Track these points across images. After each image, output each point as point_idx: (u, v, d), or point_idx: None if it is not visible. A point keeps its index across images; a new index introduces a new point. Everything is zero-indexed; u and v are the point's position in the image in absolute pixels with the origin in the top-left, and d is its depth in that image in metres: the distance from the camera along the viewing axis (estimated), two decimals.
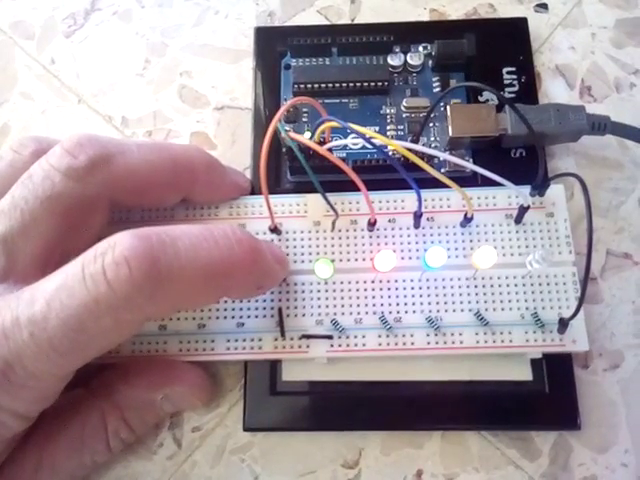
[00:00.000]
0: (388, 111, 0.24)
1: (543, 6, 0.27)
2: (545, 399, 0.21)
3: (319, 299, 0.21)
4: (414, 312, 0.21)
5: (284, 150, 0.23)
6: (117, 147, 0.19)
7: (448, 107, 0.23)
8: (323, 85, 0.24)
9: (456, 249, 0.22)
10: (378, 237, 0.22)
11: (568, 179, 0.23)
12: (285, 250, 0.22)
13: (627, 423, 0.21)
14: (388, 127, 0.24)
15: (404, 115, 0.24)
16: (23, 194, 0.18)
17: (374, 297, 0.21)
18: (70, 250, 0.20)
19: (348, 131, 0.23)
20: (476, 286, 0.21)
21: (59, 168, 0.18)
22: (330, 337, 0.21)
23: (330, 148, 0.21)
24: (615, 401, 0.22)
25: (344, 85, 0.24)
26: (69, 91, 0.27)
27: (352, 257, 0.22)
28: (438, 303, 0.21)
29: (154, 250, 0.16)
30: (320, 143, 0.21)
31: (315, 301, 0.21)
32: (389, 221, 0.22)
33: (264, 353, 0.21)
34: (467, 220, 0.21)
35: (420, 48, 0.25)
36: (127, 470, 0.21)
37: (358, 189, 0.20)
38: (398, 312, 0.21)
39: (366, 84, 0.24)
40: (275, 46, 0.26)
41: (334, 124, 0.20)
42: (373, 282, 0.21)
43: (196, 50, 0.27)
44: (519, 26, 0.26)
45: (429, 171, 0.19)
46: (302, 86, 0.24)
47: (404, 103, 0.24)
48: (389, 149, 0.22)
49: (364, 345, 0.21)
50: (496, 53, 0.25)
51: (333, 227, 0.22)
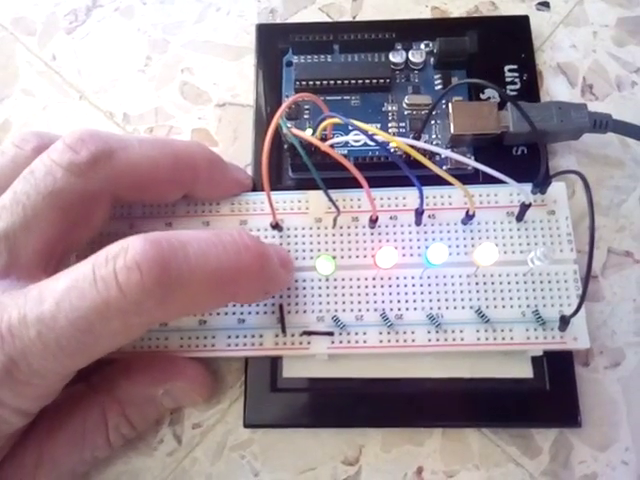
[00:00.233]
0: (390, 108, 0.24)
1: (545, 4, 0.27)
2: (546, 396, 0.21)
3: (320, 296, 0.21)
4: (415, 309, 0.21)
5: (286, 147, 0.23)
6: (119, 142, 0.19)
7: (450, 104, 0.23)
8: (325, 82, 0.24)
9: (457, 246, 0.22)
10: (379, 234, 0.22)
11: (569, 177, 0.23)
12: (286, 247, 0.22)
13: (628, 421, 0.21)
14: (390, 124, 0.24)
15: (406, 112, 0.24)
16: (25, 189, 0.18)
17: (375, 294, 0.21)
18: (72, 245, 0.20)
19: (350, 128, 0.23)
20: (477, 283, 0.21)
21: (61, 163, 0.18)
22: (331, 334, 0.21)
23: (332, 145, 0.21)
24: (616, 399, 0.22)
25: (346, 82, 0.24)
26: (70, 87, 0.27)
27: (353, 254, 0.22)
28: (439, 300, 0.21)
29: (165, 256, 0.16)
30: (322, 140, 0.21)
31: (316, 298, 0.21)
32: (390, 218, 0.22)
33: (265, 349, 0.21)
34: (468, 217, 0.21)
35: (422, 45, 0.25)
36: (127, 466, 0.21)
37: (359, 186, 0.20)
38: (399, 309, 0.21)
39: (368, 81, 0.24)
40: (277, 43, 0.26)
41: (336, 121, 0.20)
42: (374, 279, 0.21)
43: (198, 47, 0.27)
44: (521, 24, 0.26)
45: (431, 168, 0.19)
46: (304, 83, 0.24)
47: (406, 100, 0.24)
48: (391, 146, 0.22)
49: (365, 342, 0.21)
50: (498, 51, 0.25)
51: (334, 224, 0.22)
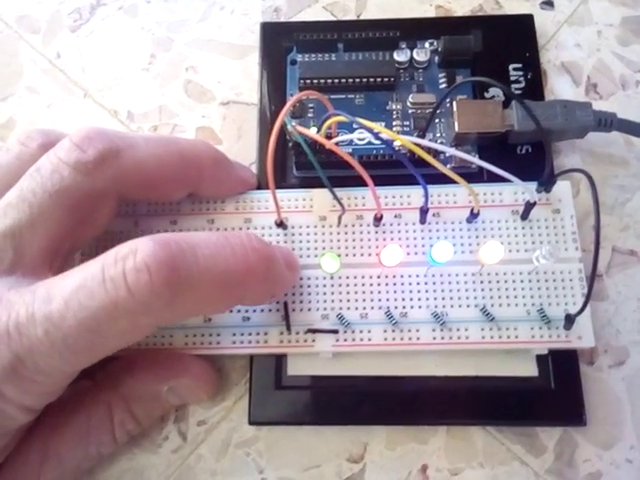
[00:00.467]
0: (394, 107, 0.24)
1: (549, 3, 0.27)
2: (551, 395, 0.21)
3: (325, 294, 0.21)
4: (420, 307, 0.21)
5: (290, 145, 0.23)
6: (125, 141, 0.19)
7: (454, 103, 0.23)
8: (329, 81, 0.24)
9: (462, 245, 0.22)
10: (384, 232, 0.22)
11: (574, 176, 0.23)
12: (291, 245, 0.22)
13: (632, 419, 0.21)
14: (394, 123, 0.24)
15: (410, 111, 0.24)
16: (31, 187, 0.18)
17: (380, 292, 0.21)
18: (77, 243, 0.20)
19: (354, 126, 0.23)
20: (482, 282, 0.21)
21: (68, 162, 0.18)
22: (336, 332, 0.21)
23: (336, 143, 0.21)
24: (620, 397, 0.22)
25: (350, 81, 0.24)
26: (75, 85, 0.27)
27: (358, 252, 0.22)
28: (444, 298, 0.21)
29: (174, 258, 0.16)
30: (326, 138, 0.21)
31: (321, 296, 0.21)
32: (395, 216, 0.22)
33: (270, 347, 0.21)
34: (473, 216, 0.21)
35: (426, 44, 0.25)
36: (132, 463, 0.21)
37: (364, 184, 0.20)
38: (404, 307, 0.21)
39: (372, 80, 0.24)
40: (281, 41, 0.26)
41: (341, 118, 0.20)
42: (379, 277, 0.21)
43: (202, 45, 0.27)
44: (525, 23, 0.26)
45: (436, 166, 0.19)
46: (308, 81, 0.24)
47: (410, 99, 0.24)
48: (396, 144, 0.22)
49: (370, 340, 0.21)
50: (502, 50, 0.25)
51: (339, 222, 0.22)
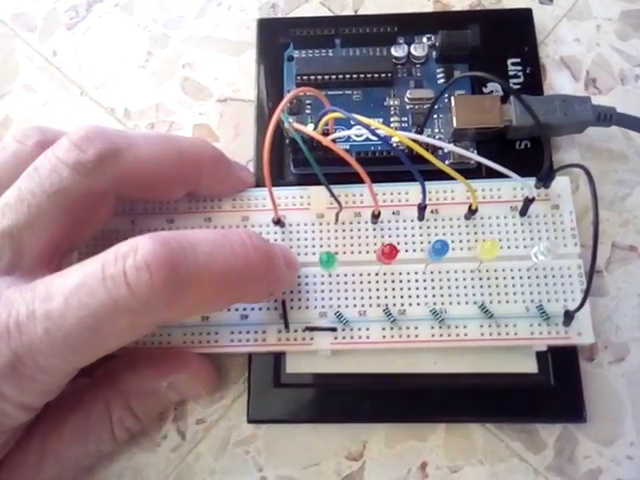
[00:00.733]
0: (392, 103, 0.24)
1: None
2: (550, 392, 0.21)
3: (323, 291, 0.21)
4: (418, 305, 0.21)
5: (287, 142, 0.23)
6: (125, 140, 0.19)
7: (452, 98, 0.23)
8: (326, 77, 0.24)
9: (460, 241, 0.21)
10: (382, 229, 0.22)
11: (573, 171, 0.22)
12: (289, 243, 0.22)
13: (632, 416, 0.21)
14: (392, 119, 0.24)
15: (408, 107, 0.24)
16: (30, 187, 0.18)
17: (378, 289, 0.21)
18: (75, 243, 0.20)
19: (351, 123, 0.23)
20: (481, 278, 0.21)
21: (67, 162, 0.18)
22: (334, 329, 0.21)
23: (333, 140, 0.21)
24: (620, 394, 0.21)
25: (347, 77, 0.24)
26: (71, 83, 0.27)
27: (356, 249, 0.22)
28: (442, 296, 0.21)
29: (174, 256, 0.16)
30: (323, 135, 0.21)
31: (319, 293, 0.21)
32: (393, 213, 0.22)
33: (268, 345, 0.21)
34: (471, 212, 0.21)
35: (424, 39, 0.25)
36: (131, 462, 0.21)
37: (361, 181, 0.19)
38: (402, 304, 0.21)
39: (370, 75, 0.24)
40: (278, 38, 0.26)
41: (338, 115, 0.20)
42: (377, 274, 0.21)
43: (198, 42, 0.27)
44: (524, 17, 0.26)
45: (434, 162, 0.19)
46: (305, 78, 0.24)
47: (408, 94, 0.24)
48: (393, 140, 0.22)
49: (368, 337, 0.21)
50: (501, 44, 0.25)
51: (337, 219, 0.22)
